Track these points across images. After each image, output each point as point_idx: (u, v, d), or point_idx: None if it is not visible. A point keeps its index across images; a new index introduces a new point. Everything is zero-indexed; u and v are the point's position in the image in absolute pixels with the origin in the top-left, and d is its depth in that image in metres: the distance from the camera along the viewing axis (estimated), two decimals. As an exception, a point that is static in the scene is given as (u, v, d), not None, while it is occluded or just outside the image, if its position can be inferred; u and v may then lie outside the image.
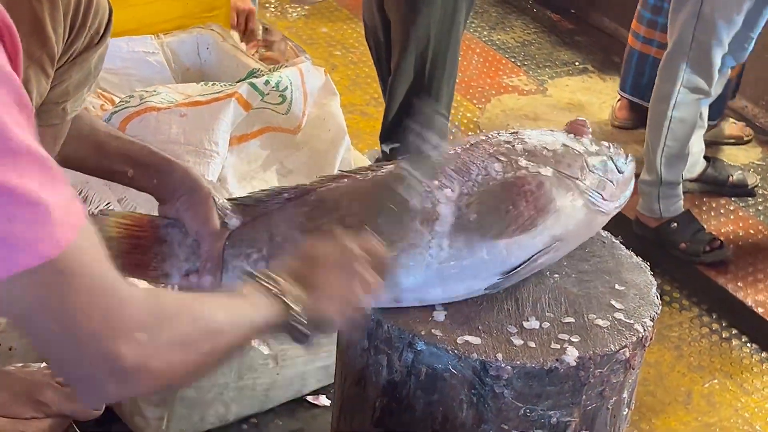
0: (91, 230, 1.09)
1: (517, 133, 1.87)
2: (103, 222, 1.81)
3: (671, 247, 3.59)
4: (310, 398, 2.66)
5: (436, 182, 1.77)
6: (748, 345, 3.31)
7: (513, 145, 1.83)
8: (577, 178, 1.81)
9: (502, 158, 1.80)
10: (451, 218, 1.75)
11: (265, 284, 1.34)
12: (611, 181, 1.86)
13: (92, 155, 1.73)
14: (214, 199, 1.74)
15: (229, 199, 1.82)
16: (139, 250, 1.78)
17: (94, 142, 1.72)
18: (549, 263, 1.85)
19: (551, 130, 1.92)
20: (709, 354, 3.26)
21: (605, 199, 1.85)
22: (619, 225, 3.67)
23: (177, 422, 2.39)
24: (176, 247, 1.77)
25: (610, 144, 1.93)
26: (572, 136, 1.89)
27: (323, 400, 2.62)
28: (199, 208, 1.73)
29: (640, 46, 4.10)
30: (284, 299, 1.34)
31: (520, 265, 1.78)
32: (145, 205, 2.08)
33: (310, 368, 2.54)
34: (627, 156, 1.93)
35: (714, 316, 3.42)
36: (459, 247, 1.75)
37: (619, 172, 1.88)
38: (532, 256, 1.78)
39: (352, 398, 1.88)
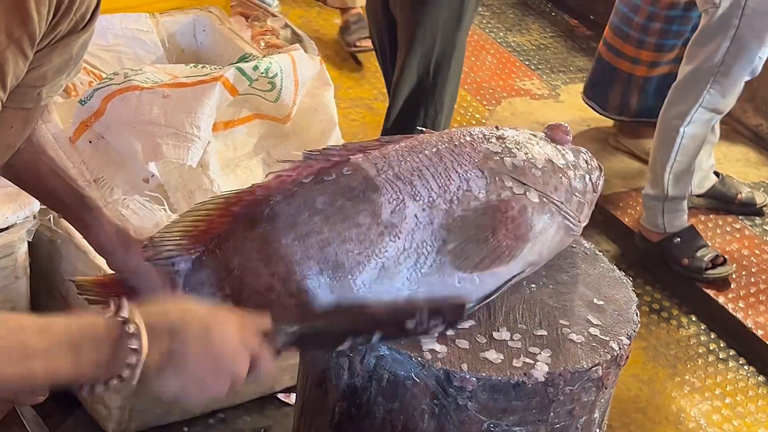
0: None
1: (504, 139, 1.74)
2: (80, 290, 1.79)
3: (673, 263, 3.53)
4: (281, 396, 2.60)
5: (409, 188, 1.64)
6: (745, 367, 3.26)
7: (502, 158, 1.70)
8: (561, 202, 1.72)
9: (488, 174, 1.67)
10: (425, 239, 1.63)
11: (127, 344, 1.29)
12: (587, 203, 1.78)
13: (30, 182, 1.72)
14: (153, 255, 1.67)
15: (169, 230, 1.69)
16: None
17: (35, 172, 1.68)
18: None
19: (533, 135, 1.80)
20: (704, 374, 3.21)
21: (579, 221, 1.77)
22: (621, 238, 3.67)
23: (140, 413, 2.33)
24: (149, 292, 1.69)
25: (587, 154, 1.84)
26: (554, 145, 1.79)
27: (294, 399, 2.55)
28: (139, 276, 1.69)
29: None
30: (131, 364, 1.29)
31: (492, 293, 1.69)
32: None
33: (283, 365, 2.47)
34: (600, 169, 1.84)
35: (712, 336, 3.38)
36: (430, 273, 1.63)
37: (594, 191, 1.79)
38: (505, 282, 1.69)
39: (313, 400, 1.81)
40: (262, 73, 2.54)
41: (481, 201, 1.65)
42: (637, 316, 1.78)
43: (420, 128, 1.83)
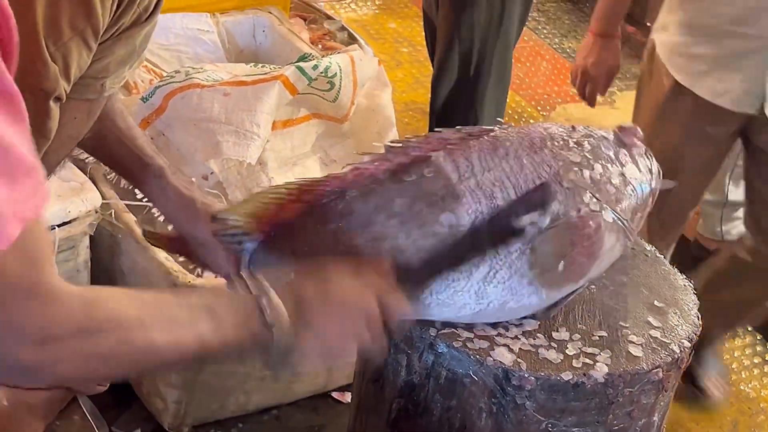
0: (38, 226, 1.04)
1: (582, 146, 1.68)
2: (148, 236, 1.90)
3: (729, 272, 3.47)
4: (335, 394, 2.59)
5: (490, 201, 1.58)
6: (802, 380, 3.21)
7: (581, 170, 1.65)
8: (627, 220, 1.68)
9: (567, 186, 1.62)
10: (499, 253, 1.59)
11: (259, 301, 1.29)
12: (645, 217, 1.74)
13: (98, 149, 1.74)
14: (220, 229, 1.66)
15: (239, 207, 1.66)
16: (193, 257, 1.79)
17: (102, 139, 1.69)
18: None
19: (605, 137, 1.76)
20: (760, 384, 3.17)
21: (634, 234, 1.74)
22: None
23: (196, 408, 2.34)
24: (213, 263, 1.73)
25: (651, 159, 1.78)
26: (625, 152, 1.74)
27: (349, 398, 2.55)
28: (205, 248, 1.70)
29: None
30: (267, 322, 1.29)
31: (553, 305, 1.68)
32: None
33: (337, 363, 2.46)
34: (660, 174, 1.78)
35: (768, 347, 3.32)
36: (499, 287, 1.59)
37: (653, 201, 1.76)
38: (566, 296, 1.67)
39: (369, 397, 1.81)
40: (321, 72, 2.54)
41: (559, 217, 1.61)
42: (699, 319, 1.76)
43: (498, 120, 1.79)
